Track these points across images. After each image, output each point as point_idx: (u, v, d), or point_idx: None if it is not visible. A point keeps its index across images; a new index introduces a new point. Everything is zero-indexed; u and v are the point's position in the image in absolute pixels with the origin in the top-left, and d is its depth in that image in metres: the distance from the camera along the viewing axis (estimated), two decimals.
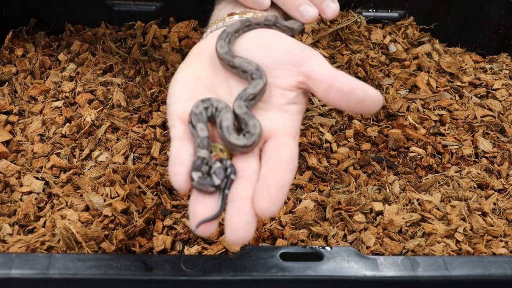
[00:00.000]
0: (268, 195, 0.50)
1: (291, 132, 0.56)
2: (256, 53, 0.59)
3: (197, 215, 0.50)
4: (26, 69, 0.99)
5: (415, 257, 0.64)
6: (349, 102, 0.54)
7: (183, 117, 0.55)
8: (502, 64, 1.10)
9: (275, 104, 0.57)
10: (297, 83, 0.57)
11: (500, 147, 0.93)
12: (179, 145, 0.53)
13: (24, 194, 0.78)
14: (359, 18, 1.14)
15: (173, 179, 0.50)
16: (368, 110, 0.53)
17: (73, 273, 0.59)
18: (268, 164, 0.53)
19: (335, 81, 0.54)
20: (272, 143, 0.55)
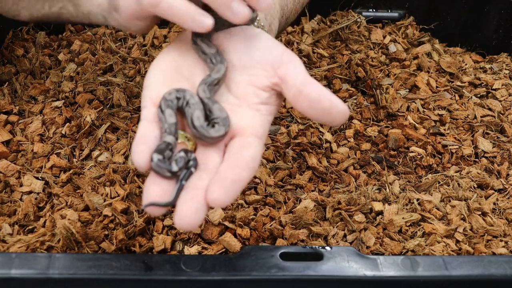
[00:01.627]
0: (222, 186, 0.50)
1: (259, 132, 0.56)
2: (237, 47, 0.60)
3: (150, 193, 0.51)
4: (26, 69, 0.99)
5: (415, 257, 0.64)
6: (316, 110, 0.54)
7: (156, 101, 0.56)
8: (502, 64, 1.10)
9: (248, 101, 0.58)
10: (272, 84, 0.58)
11: (500, 147, 0.93)
12: (147, 125, 0.54)
13: (24, 194, 0.78)
14: (359, 18, 1.14)
15: (135, 157, 0.51)
16: (333, 121, 0.54)
17: (73, 273, 0.59)
18: (229, 160, 0.53)
19: (305, 88, 0.55)
20: (238, 141, 0.55)
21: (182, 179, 0.52)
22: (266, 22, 0.69)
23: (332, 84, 1.02)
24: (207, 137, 0.55)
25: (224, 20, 0.58)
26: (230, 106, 0.57)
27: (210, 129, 0.55)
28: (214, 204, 0.50)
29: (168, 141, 0.53)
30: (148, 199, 0.50)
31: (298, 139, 0.90)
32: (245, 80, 0.58)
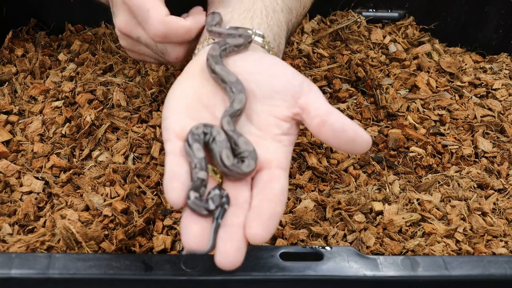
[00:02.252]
0: (261, 222, 0.50)
1: (283, 165, 0.56)
2: (257, 77, 0.59)
3: (190, 232, 0.50)
4: (26, 69, 0.99)
5: (415, 257, 0.64)
6: (339, 140, 0.55)
7: (180, 133, 0.55)
8: (502, 64, 1.10)
9: (270, 133, 0.58)
10: (293, 115, 0.58)
11: (500, 147, 0.93)
12: (175, 160, 0.53)
13: (24, 194, 0.78)
14: (359, 18, 1.14)
15: (169, 194, 0.50)
16: (357, 150, 0.55)
17: (73, 273, 0.59)
18: (260, 195, 0.54)
19: (329, 118, 0.55)
20: (265, 174, 0.55)
21: (218, 217, 0.52)
22: (275, 43, 0.69)
23: (332, 84, 1.02)
24: (240, 174, 0.54)
25: None
26: (253, 138, 0.57)
27: (241, 165, 0.54)
28: (254, 240, 0.50)
29: (201, 177, 0.52)
30: (188, 238, 0.50)
31: (298, 139, 0.90)
32: (266, 111, 0.58)
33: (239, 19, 0.68)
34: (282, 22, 0.73)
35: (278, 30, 0.71)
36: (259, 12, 0.69)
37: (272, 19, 0.70)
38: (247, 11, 0.69)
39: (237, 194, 0.54)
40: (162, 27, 0.62)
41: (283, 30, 0.73)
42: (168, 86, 0.97)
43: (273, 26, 0.70)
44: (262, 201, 0.53)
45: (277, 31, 0.70)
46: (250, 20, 0.68)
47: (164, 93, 0.95)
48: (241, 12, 0.69)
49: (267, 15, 0.70)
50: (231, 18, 0.69)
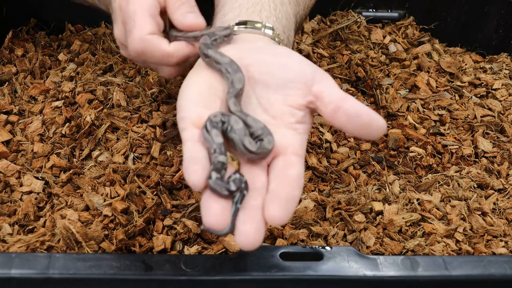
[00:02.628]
0: (280, 204, 0.51)
1: (299, 151, 0.57)
2: (270, 68, 0.60)
3: (211, 210, 0.51)
4: (26, 69, 0.99)
5: (415, 257, 0.64)
6: (354, 125, 0.55)
7: (196, 122, 0.56)
8: (502, 64, 1.10)
9: (285, 121, 0.58)
10: (307, 103, 0.58)
11: (500, 147, 0.93)
12: (194, 146, 0.54)
13: (24, 194, 0.78)
14: (359, 18, 1.14)
15: (190, 176, 0.51)
16: (371, 135, 0.55)
17: (73, 273, 0.59)
18: (277, 180, 0.54)
19: (344, 103, 0.55)
20: (281, 160, 0.56)
21: (237, 202, 0.52)
22: (285, 35, 0.70)
23: None
24: (266, 153, 0.55)
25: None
26: (268, 127, 0.58)
27: (264, 144, 0.55)
28: (273, 222, 0.51)
29: (222, 160, 0.53)
30: (209, 215, 0.50)
31: None
32: (280, 100, 0.59)
33: (247, 13, 0.68)
34: (290, 14, 0.73)
35: (287, 22, 0.71)
36: (267, 6, 0.70)
37: (280, 12, 0.71)
38: (255, 5, 0.70)
39: (254, 179, 0.55)
40: (140, 45, 0.61)
41: (291, 22, 0.73)
42: (168, 86, 0.97)
43: (282, 19, 0.70)
44: (279, 184, 0.53)
45: (286, 23, 0.71)
46: (258, 13, 0.68)
47: (164, 93, 0.95)
48: (249, 6, 0.69)
49: (275, 8, 0.70)
50: (239, 13, 0.69)
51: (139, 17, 0.61)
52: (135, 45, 0.62)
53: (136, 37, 0.61)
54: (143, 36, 0.61)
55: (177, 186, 0.81)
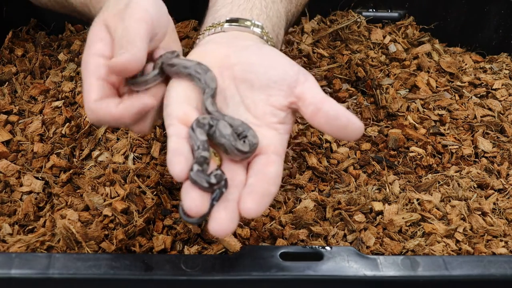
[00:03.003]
0: (255, 198, 0.53)
1: (279, 151, 0.58)
2: (255, 68, 0.60)
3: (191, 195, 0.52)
4: (26, 69, 0.99)
5: (415, 257, 0.64)
6: (332, 126, 0.56)
7: (183, 119, 0.57)
8: (502, 64, 1.10)
9: (266, 121, 0.59)
10: (289, 103, 0.59)
11: (500, 147, 0.93)
12: (178, 140, 0.55)
13: (24, 194, 0.78)
14: (359, 18, 1.14)
15: (173, 167, 0.52)
16: (349, 136, 0.56)
17: (73, 273, 0.59)
18: (256, 176, 0.56)
19: (323, 105, 0.57)
20: (262, 159, 0.57)
21: (214, 198, 0.53)
22: (274, 34, 0.70)
23: (332, 84, 1.02)
24: (255, 148, 0.56)
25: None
26: (250, 126, 0.58)
27: (251, 140, 0.56)
28: (247, 214, 0.52)
29: (205, 155, 0.54)
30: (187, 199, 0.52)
31: (298, 139, 0.90)
32: (263, 100, 0.59)
33: (238, 10, 0.69)
34: (282, 13, 0.74)
35: (277, 21, 0.72)
36: (258, 3, 0.70)
37: (271, 10, 0.71)
38: (247, 2, 0.70)
39: (234, 176, 0.56)
40: (91, 114, 0.58)
41: (282, 21, 0.73)
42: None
43: (272, 17, 0.71)
44: (257, 180, 0.55)
45: (276, 21, 0.71)
46: (249, 11, 0.69)
47: None
48: (241, 3, 0.70)
49: (266, 6, 0.71)
50: (231, 9, 0.69)
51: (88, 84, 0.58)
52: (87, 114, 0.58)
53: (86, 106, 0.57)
54: (90, 105, 0.57)
55: (177, 186, 0.81)
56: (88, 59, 0.58)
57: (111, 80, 0.58)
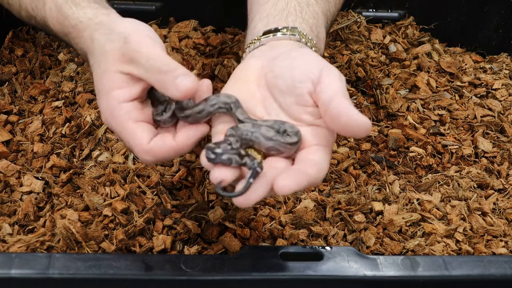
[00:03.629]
0: (290, 175, 0.53)
1: (322, 142, 0.58)
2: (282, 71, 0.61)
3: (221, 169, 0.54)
4: (26, 69, 0.99)
5: (415, 257, 0.64)
6: (337, 126, 0.56)
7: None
8: (502, 64, 1.10)
9: (304, 121, 0.59)
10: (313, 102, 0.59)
11: (500, 147, 0.93)
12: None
13: (24, 194, 0.78)
14: (359, 18, 1.14)
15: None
16: (355, 134, 0.55)
17: (73, 273, 0.59)
18: (298, 163, 0.56)
19: (330, 104, 0.56)
20: (304, 151, 0.57)
21: (250, 177, 0.53)
22: (313, 34, 0.70)
23: None
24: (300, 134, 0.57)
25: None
26: None
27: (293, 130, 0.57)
28: (280, 189, 0.52)
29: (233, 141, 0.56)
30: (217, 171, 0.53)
31: None
32: (293, 102, 0.60)
33: (274, 21, 0.70)
34: (319, 13, 0.74)
35: (315, 21, 0.72)
36: (292, 10, 0.71)
37: (306, 13, 0.71)
38: (281, 12, 0.71)
39: (276, 163, 0.57)
40: (148, 157, 0.58)
41: (320, 20, 0.74)
42: None
43: (309, 19, 0.71)
44: (298, 164, 0.56)
45: (314, 22, 0.72)
46: (284, 19, 0.70)
47: None
48: (275, 14, 0.71)
49: (301, 10, 0.71)
50: (267, 22, 0.70)
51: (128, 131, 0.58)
52: (145, 160, 0.59)
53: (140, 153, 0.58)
54: (145, 148, 0.58)
55: (177, 186, 0.81)
56: (113, 108, 0.58)
57: (146, 115, 0.60)
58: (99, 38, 0.61)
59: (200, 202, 0.78)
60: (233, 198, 0.52)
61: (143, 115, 0.60)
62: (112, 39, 0.60)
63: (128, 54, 0.58)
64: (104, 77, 0.59)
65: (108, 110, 0.59)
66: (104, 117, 0.60)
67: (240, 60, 0.70)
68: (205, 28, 1.11)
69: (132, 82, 0.59)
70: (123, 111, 0.58)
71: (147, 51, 0.58)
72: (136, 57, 0.58)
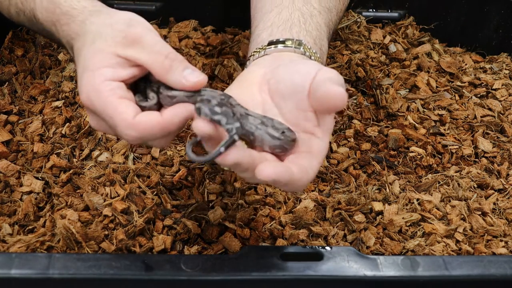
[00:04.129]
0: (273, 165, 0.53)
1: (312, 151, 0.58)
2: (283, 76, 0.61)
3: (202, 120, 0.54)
4: (26, 69, 0.99)
5: (415, 257, 0.64)
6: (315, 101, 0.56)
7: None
8: (502, 64, 1.10)
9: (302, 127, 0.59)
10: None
11: (500, 147, 0.93)
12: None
13: (24, 194, 0.78)
14: (359, 18, 1.14)
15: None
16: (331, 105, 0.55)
17: (73, 273, 0.59)
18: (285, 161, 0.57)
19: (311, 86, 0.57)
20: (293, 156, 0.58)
21: (224, 144, 0.52)
22: (316, 47, 0.70)
23: None
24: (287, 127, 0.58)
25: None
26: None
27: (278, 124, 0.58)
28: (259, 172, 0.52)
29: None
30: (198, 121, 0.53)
31: None
32: (294, 107, 0.59)
33: (278, 31, 0.70)
34: (322, 25, 0.74)
35: (318, 34, 0.72)
36: (296, 21, 0.71)
37: (310, 25, 0.72)
38: (286, 22, 0.71)
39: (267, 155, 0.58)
40: (133, 131, 0.55)
41: (323, 32, 0.74)
42: None
43: (312, 31, 0.71)
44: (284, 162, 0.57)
45: (317, 34, 0.72)
46: (289, 30, 0.70)
47: None
48: (280, 24, 0.71)
49: (304, 22, 0.71)
50: (271, 32, 0.70)
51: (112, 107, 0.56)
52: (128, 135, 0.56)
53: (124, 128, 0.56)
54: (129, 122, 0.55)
55: (177, 186, 0.81)
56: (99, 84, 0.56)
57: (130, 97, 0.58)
58: (96, 21, 0.60)
59: (200, 202, 0.78)
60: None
61: (129, 96, 0.58)
62: (111, 23, 0.58)
63: (131, 37, 0.57)
64: (97, 55, 0.58)
65: (92, 85, 0.56)
66: (86, 93, 0.57)
67: (240, 60, 0.71)
68: (205, 28, 1.11)
69: (125, 66, 0.58)
70: (108, 87, 0.56)
71: (152, 36, 0.57)
72: (140, 40, 0.57)
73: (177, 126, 0.57)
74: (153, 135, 0.56)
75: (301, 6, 0.73)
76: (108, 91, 0.56)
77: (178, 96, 0.57)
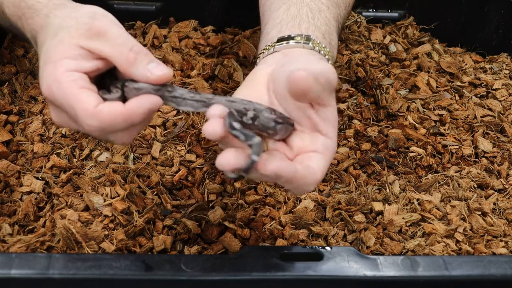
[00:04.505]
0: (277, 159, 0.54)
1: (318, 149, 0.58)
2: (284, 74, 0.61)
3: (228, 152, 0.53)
4: (26, 69, 0.99)
5: (415, 257, 0.64)
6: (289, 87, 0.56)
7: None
8: (502, 64, 1.10)
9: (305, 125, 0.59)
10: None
11: (500, 147, 0.93)
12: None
13: (24, 194, 0.78)
14: (359, 18, 1.14)
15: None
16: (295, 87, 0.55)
17: (73, 273, 0.59)
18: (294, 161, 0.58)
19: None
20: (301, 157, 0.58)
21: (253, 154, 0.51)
22: (326, 41, 0.70)
23: None
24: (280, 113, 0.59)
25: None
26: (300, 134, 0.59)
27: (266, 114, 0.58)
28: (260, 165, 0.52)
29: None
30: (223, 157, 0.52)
31: None
32: (294, 106, 0.59)
33: (287, 28, 0.70)
34: (330, 19, 0.74)
35: (327, 28, 0.72)
36: (305, 17, 0.71)
37: (318, 20, 0.72)
38: (294, 18, 0.71)
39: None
40: (94, 121, 0.53)
41: (332, 27, 0.74)
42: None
43: (321, 26, 0.71)
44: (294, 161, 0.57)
45: (326, 29, 0.72)
46: (298, 26, 0.70)
47: None
48: (288, 20, 0.71)
49: (313, 17, 0.71)
50: (281, 29, 0.70)
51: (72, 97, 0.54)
52: (89, 125, 0.54)
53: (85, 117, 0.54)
54: (90, 112, 0.54)
55: (177, 186, 0.81)
56: (61, 74, 0.54)
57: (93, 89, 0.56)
58: (60, 14, 0.59)
59: (200, 202, 0.78)
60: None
61: (92, 88, 0.56)
62: (76, 16, 0.57)
63: (95, 29, 0.56)
64: (59, 47, 0.56)
65: (53, 76, 0.55)
66: (46, 85, 0.55)
67: (240, 60, 0.70)
68: (205, 28, 1.11)
69: (88, 59, 0.56)
70: (70, 78, 0.55)
71: (117, 29, 0.56)
72: (104, 33, 0.55)
73: (141, 117, 0.55)
74: (116, 126, 0.54)
75: (309, 2, 0.73)
76: (70, 81, 0.54)
77: (145, 88, 0.56)
